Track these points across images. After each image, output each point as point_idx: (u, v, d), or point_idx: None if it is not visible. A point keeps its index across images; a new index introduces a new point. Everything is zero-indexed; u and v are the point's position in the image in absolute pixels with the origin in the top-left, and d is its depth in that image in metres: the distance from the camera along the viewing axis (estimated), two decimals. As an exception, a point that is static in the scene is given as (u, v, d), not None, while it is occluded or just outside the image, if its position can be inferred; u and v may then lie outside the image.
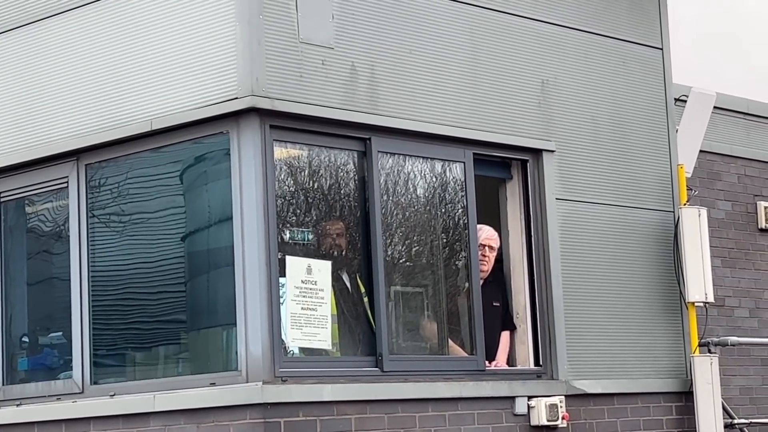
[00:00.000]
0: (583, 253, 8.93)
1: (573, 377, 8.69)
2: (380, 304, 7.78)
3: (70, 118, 8.22)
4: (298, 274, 7.53)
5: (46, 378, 8.36)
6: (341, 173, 7.90)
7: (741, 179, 11.21)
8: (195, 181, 7.92)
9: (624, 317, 9.09)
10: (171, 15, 7.76)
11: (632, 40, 9.51)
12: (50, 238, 8.52)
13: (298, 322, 7.49)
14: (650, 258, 9.33)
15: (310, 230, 7.70)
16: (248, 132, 7.45)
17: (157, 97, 7.78)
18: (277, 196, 7.50)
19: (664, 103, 9.64)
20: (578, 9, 9.21)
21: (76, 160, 8.22)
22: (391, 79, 8.05)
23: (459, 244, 8.38)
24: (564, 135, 8.96)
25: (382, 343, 7.75)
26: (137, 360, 8.04)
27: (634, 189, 9.34)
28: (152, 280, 7.97)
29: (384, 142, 7.99)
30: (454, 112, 8.36)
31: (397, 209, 8.11)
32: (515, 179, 8.80)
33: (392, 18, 8.12)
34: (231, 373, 7.38)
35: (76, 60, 8.22)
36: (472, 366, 8.21)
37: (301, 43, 7.65)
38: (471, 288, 8.30)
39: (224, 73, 7.49)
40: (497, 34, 8.69)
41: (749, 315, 11.02)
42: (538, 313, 8.68)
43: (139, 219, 8.04)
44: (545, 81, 8.92)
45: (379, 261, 7.82)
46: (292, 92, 7.57)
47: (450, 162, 8.35)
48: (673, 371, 9.32)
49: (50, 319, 8.51)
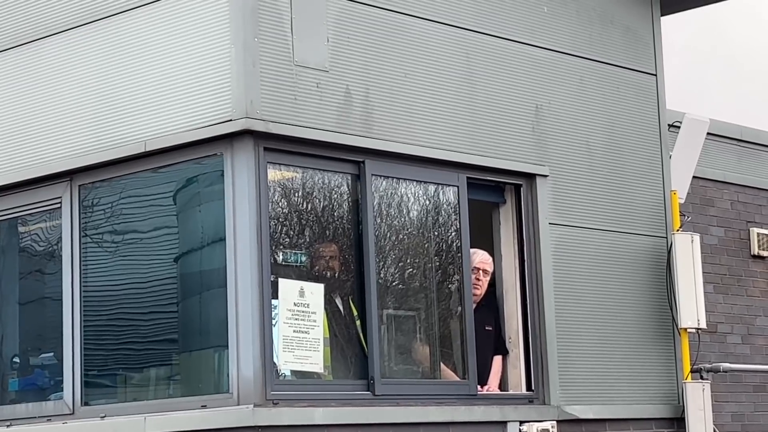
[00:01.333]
0: (575, 277, 8.93)
1: (565, 402, 8.68)
2: (372, 327, 7.77)
3: (64, 139, 8.22)
4: (290, 297, 7.52)
5: (36, 399, 8.33)
6: (335, 196, 7.90)
7: (734, 205, 11.22)
8: (188, 202, 7.92)
9: (616, 342, 9.09)
10: (166, 36, 7.77)
11: (626, 65, 9.54)
12: (43, 258, 8.51)
13: (290, 344, 7.48)
14: (643, 283, 9.34)
15: (303, 252, 7.70)
16: (242, 154, 7.45)
17: (151, 118, 7.78)
18: (270, 218, 7.50)
19: (658, 129, 9.67)
20: (572, 34, 9.24)
21: (69, 181, 8.22)
22: (385, 102, 8.07)
23: (452, 267, 8.38)
24: (557, 160, 8.98)
25: (374, 366, 7.74)
26: (128, 381, 8.02)
27: (627, 214, 9.35)
28: (144, 301, 7.96)
29: (378, 166, 7.99)
30: (448, 136, 8.37)
31: (390, 232, 8.11)
32: (509, 203, 8.81)
33: (387, 42, 8.14)
34: (222, 395, 7.36)
35: (70, 80, 8.23)
36: (464, 390, 8.20)
37: (296, 66, 7.67)
38: (464, 312, 8.29)
39: (219, 95, 7.50)
40: (492, 59, 8.71)
41: (741, 341, 11.02)
42: (531, 338, 8.67)
43: (132, 240, 8.03)
44: (539, 106, 8.94)
45: (371, 284, 7.82)
46: (287, 115, 7.58)
47: (444, 186, 8.36)
48: (665, 397, 9.31)
49: (41, 340, 8.48)
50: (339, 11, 7.92)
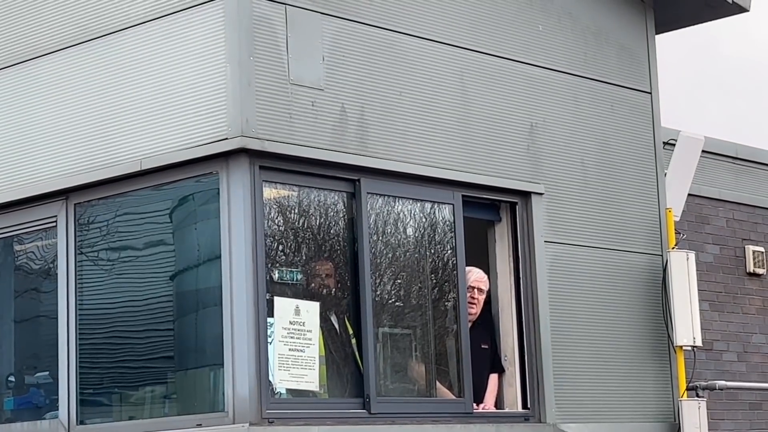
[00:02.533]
0: (571, 295, 8.93)
1: (561, 420, 8.67)
2: (368, 345, 7.77)
3: (60, 158, 8.22)
4: (286, 315, 7.52)
5: (32, 418, 8.31)
6: (330, 214, 7.91)
7: (729, 223, 11.23)
8: (184, 220, 7.92)
9: (612, 360, 9.08)
10: (162, 55, 7.79)
11: (621, 83, 9.56)
12: (38, 276, 8.51)
13: (285, 363, 7.48)
14: (638, 301, 9.34)
15: (298, 270, 7.70)
16: (238, 172, 7.46)
17: (146, 137, 7.79)
18: (266, 237, 7.51)
19: (653, 147, 9.68)
20: (567, 53, 9.27)
21: (65, 200, 8.22)
22: (380, 120, 8.08)
23: (447, 285, 8.38)
24: (553, 178, 8.99)
25: (370, 384, 7.73)
26: (124, 400, 8.00)
27: (622, 232, 9.36)
28: (140, 320, 7.95)
29: (373, 184, 8.00)
30: (443, 154, 8.38)
31: (386, 250, 8.12)
32: (504, 221, 8.82)
33: (382, 60, 8.16)
34: (218, 414, 7.36)
35: (66, 99, 8.24)
36: (459, 408, 8.19)
37: (291, 85, 7.68)
38: (459, 330, 8.29)
39: (214, 114, 7.51)
40: (486, 77, 8.73)
41: (737, 359, 11.02)
42: (526, 356, 8.67)
43: (127, 258, 8.03)
44: (534, 124, 8.96)
45: (367, 302, 7.81)
46: (282, 133, 7.59)
47: (439, 204, 8.36)
48: (661, 415, 9.31)
49: (37, 358, 8.48)
50: (334, 30, 7.94)
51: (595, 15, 9.46)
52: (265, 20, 7.62)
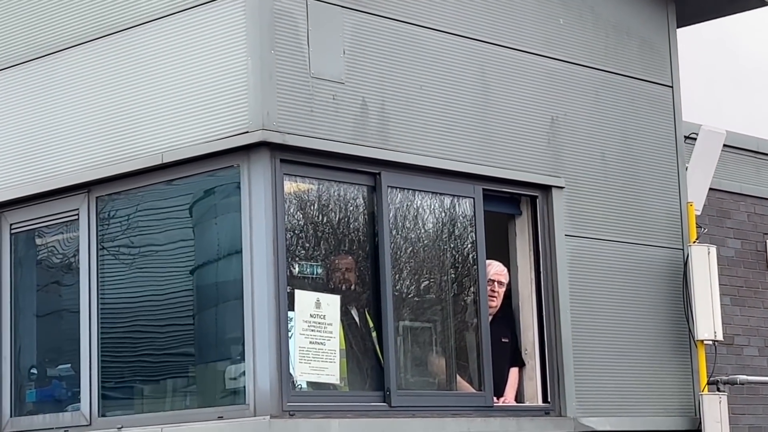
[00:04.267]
0: (592, 289, 8.92)
1: (581, 414, 8.66)
2: (389, 338, 7.77)
3: (81, 151, 8.25)
4: (306, 309, 7.53)
5: (54, 410, 8.35)
6: (351, 207, 7.92)
7: (751, 217, 11.20)
8: (205, 214, 7.94)
9: (633, 354, 9.07)
10: (183, 49, 7.80)
11: (642, 77, 9.54)
12: (60, 270, 8.54)
13: (306, 356, 7.49)
14: (659, 295, 9.32)
15: (319, 264, 7.71)
16: (259, 166, 7.47)
17: (168, 130, 7.81)
18: (286, 230, 7.52)
19: (674, 141, 9.66)
20: (588, 46, 9.25)
21: (87, 193, 8.25)
22: (401, 114, 8.08)
23: (468, 279, 8.38)
24: (573, 171, 8.98)
25: (390, 378, 7.74)
26: (145, 393, 8.03)
27: (643, 226, 9.34)
28: (161, 313, 7.98)
29: (394, 177, 8.00)
30: (464, 147, 8.38)
31: (406, 244, 8.12)
32: (524, 215, 8.81)
33: (403, 54, 8.16)
34: (239, 406, 7.37)
35: (87, 93, 8.26)
36: (480, 402, 8.19)
37: (312, 78, 7.69)
38: (480, 324, 8.29)
39: (235, 107, 7.52)
40: (507, 71, 8.72)
41: (758, 353, 10.98)
42: (547, 350, 8.66)
43: (148, 251, 8.06)
44: (555, 117, 8.94)
45: (387, 296, 7.82)
46: (303, 127, 7.60)
47: (460, 197, 8.36)
48: (681, 409, 9.29)
49: (59, 351, 8.51)
50: (355, 23, 7.94)
51: (616, 8, 9.44)
52: (286, 14, 7.63)
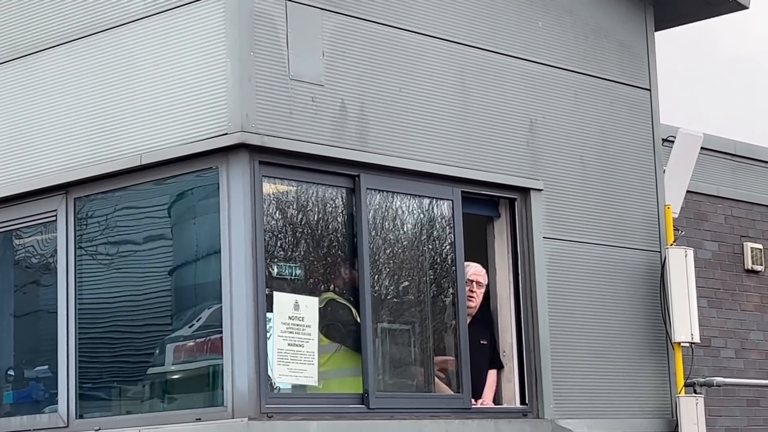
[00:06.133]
0: (570, 292, 8.95)
1: (559, 416, 8.69)
2: (367, 341, 7.78)
3: (60, 152, 8.23)
4: (285, 310, 7.53)
5: (31, 411, 8.33)
6: (330, 209, 7.92)
7: (728, 220, 11.25)
8: (183, 215, 7.93)
9: (610, 356, 9.10)
10: (162, 50, 7.80)
11: (620, 80, 9.57)
12: (38, 270, 8.52)
13: (284, 358, 7.49)
14: (637, 298, 9.36)
15: (298, 266, 7.71)
16: (237, 168, 7.47)
17: (147, 131, 7.80)
18: (265, 232, 7.52)
19: (652, 144, 9.70)
20: (567, 49, 9.28)
21: (65, 194, 8.23)
22: (380, 116, 8.09)
23: (446, 281, 8.40)
24: (552, 174, 9.00)
25: (369, 380, 7.75)
26: (123, 394, 8.02)
27: (621, 229, 9.38)
28: (139, 314, 7.97)
29: (373, 179, 8.01)
30: (442, 150, 8.39)
31: (385, 246, 8.13)
32: (503, 217, 8.83)
33: (382, 56, 8.17)
34: (217, 408, 7.37)
35: (66, 94, 8.24)
36: (458, 404, 8.21)
37: (291, 80, 7.69)
38: (458, 325, 8.30)
39: (214, 109, 7.52)
40: (486, 74, 8.75)
41: (735, 355, 11.03)
42: (525, 352, 8.68)
43: (127, 253, 8.05)
44: (533, 120, 8.97)
45: (366, 298, 7.83)
46: (282, 129, 7.60)
47: (438, 200, 8.38)
48: (658, 411, 9.33)
49: (36, 352, 8.49)
50: (334, 26, 7.95)
51: (594, 12, 9.47)
52: (266, 16, 7.63)
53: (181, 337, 7.77)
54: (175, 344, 7.80)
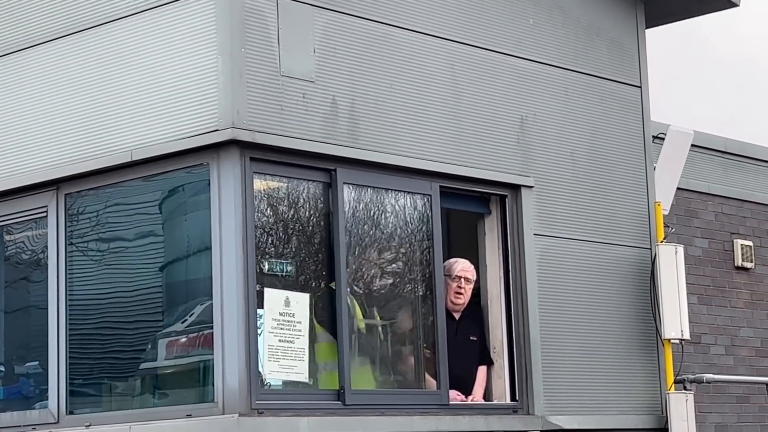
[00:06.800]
0: (560, 288, 8.96)
1: (549, 412, 8.70)
2: (343, 337, 7.71)
3: (51, 148, 8.23)
4: (276, 307, 7.53)
5: (21, 408, 8.32)
6: (320, 206, 7.92)
7: (718, 217, 11.27)
8: (174, 211, 7.93)
9: (600, 353, 9.12)
10: (153, 46, 7.79)
11: (611, 77, 9.59)
12: (28, 266, 8.51)
13: (275, 354, 7.49)
14: (627, 294, 9.37)
15: (289, 262, 7.71)
16: (228, 164, 7.47)
17: (137, 127, 7.80)
18: (256, 228, 7.52)
19: (642, 141, 9.71)
20: (558, 46, 9.29)
21: (55, 190, 8.23)
22: (371, 113, 8.10)
23: (425, 276, 8.31)
24: (542, 171, 9.02)
25: (345, 377, 7.68)
26: (113, 390, 8.02)
27: (611, 225, 9.39)
28: (130, 310, 7.96)
29: (361, 176, 8.01)
30: (433, 147, 8.40)
31: (372, 241, 8.12)
32: (494, 214, 8.84)
33: (374, 53, 8.17)
34: (207, 404, 7.37)
35: (57, 90, 8.24)
36: (435, 400, 8.16)
37: (282, 77, 7.69)
38: (435, 321, 8.22)
39: (205, 105, 7.52)
40: (477, 70, 8.75)
41: (725, 352, 11.06)
42: (515, 348, 8.69)
43: (117, 249, 8.04)
44: (524, 117, 8.98)
45: (342, 293, 7.71)
46: (273, 125, 7.60)
47: (424, 195, 8.33)
48: (648, 408, 9.35)
49: (27, 348, 8.48)
50: (325, 22, 7.95)
51: (586, 9, 9.48)
52: (257, 12, 7.63)
53: (173, 332, 7.77)
54: (167, 339, 7.80)
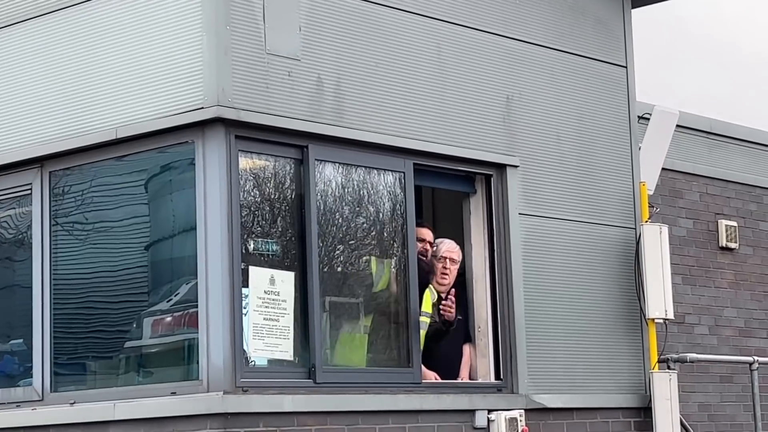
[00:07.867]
0: (545, 268, 8.98)
1: (533, 391, 8.73)
2: (314, 315, 7.67)
3: (35, 125, 8.20)
4: (261, 285, 7.53)
5: (5, 385, 8.31)
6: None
7: (703, 197, 11.30)
8: (159, 190, 7.92)
9: (585, 332, 9.14)
10: (138, 24, 7.77)
11: (597, 57, 9.59)
12: (12, 245, 8.49)
13: (260, 332, 7.50)
14: (611, 274, 9.39)
15: (274, 241, 7.71)
16: (213, 142, 7.46)
17: (122, 105, 7.78)
18: (241, 207, 7.51)
19: (628, 121, 9.72)
20: (544, 26, 9.28)
21: (40, 167, 8.21)
22: (357, 91, 8.08)
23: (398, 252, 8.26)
24: (528, 150, 9.02)
25: (316, 354, 7.64)
26: (98, 368, 8.02)
27: (596, 205, 9.41)
28: (115, 289, 7.96)
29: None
30: (417, 125, 8.39)
31: (350, 220, 8.10)
32: (479, 194, 8.85)
33: (359, 31, 8.16)
34: (192, 382, 7.38)
35: (41, 67, 8.21)
36: (408, 379, 8.14)
37: (267, 55, 7.68)
38: (408, 300, 8.19)
39: (190, 83, 7.50)
40: (463, 49, 8.74)
41: (709, 332, 11.10)
42: (500, 327, 8.71)
43: (102, 227, 8.03)
44: (510, 96, 8.98)
45: (314, 271, 7.65)
46: (258, 103, 7.59)
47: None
48: (632, 387, 9.38)
49: (11, 326, 8.47)
50: (311, 0, 7.93)
51: (571, -12, 9.48)
52: (242, -10, 7.60)
53: (158, 311, 7.76)
54: (152, 318, 7.79)
